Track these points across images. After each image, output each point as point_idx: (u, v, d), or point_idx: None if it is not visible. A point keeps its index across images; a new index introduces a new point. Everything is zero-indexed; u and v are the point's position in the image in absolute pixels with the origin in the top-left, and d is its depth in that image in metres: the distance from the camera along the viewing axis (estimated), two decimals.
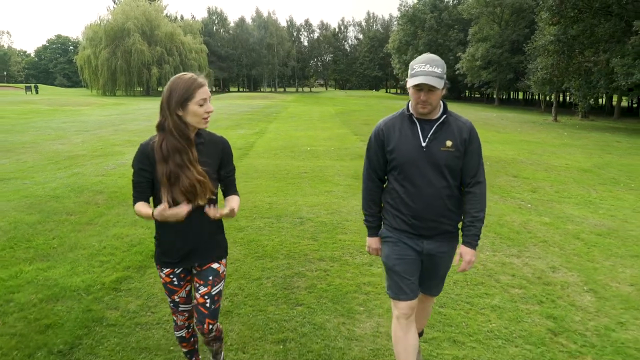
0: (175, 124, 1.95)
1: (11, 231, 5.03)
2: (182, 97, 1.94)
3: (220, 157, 2.14)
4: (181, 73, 2.04)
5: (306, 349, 2.88)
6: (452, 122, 2.20)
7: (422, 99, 2.08)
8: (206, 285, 2.15)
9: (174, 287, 2.19)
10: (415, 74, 2.06)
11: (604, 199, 7.42)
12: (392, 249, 2.32)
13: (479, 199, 2.24)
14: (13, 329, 3.02)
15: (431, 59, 2.08)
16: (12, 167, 8.95)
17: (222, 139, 2.18)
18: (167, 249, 2.12)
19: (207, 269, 2.17)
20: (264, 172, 8.79)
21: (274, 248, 4.65)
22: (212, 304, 2.17)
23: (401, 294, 2.29)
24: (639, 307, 3.51)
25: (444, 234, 2.26)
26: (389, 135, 2.24)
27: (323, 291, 3.69)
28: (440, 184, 2.18)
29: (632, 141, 16.94)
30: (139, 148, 2.04)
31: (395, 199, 2.27)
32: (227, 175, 2.18)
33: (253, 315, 3.29)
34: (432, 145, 2.16)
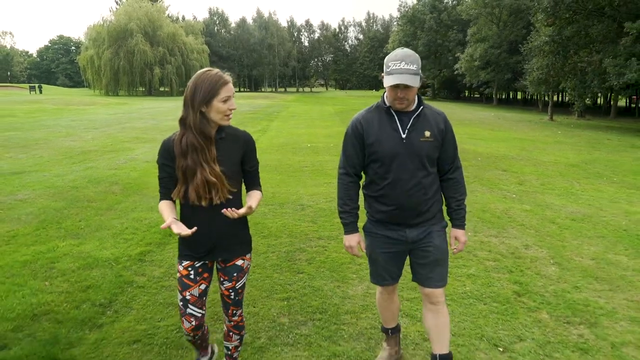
0: (197, 120, 1.96)
1: (41, 215, 5.58)
2: (207, 93, 1.95)
3: (243, 152, 2.13)
4: (206, 68, 2.04)
5: (306, 304, 3.42)
6: (428, 113, 2.26)
7: (400, 96, 2.12)
8: (230, 281, 2.20)
9: (189, 282, 2.14)
10: (390, 72, 2.11)
11: (585, 191, 7.95)
12: (375, 241, 2.37)
13: (461, 183, 2.38)
14: (59, 288, 3.58)
15: (406, 55, 2.10)
16: (30, 162, 9.50)
17: (244, 134, 2.18)
18: (191, 243, 2.09)
19: (232, 266, 2.18)
20: (268, 166, 9.33)
21: (277, 229, 5.20)
22: (236, 296, 2.24)
23: (382, 280, 2.46)
24: (594, 276, 4.06)
25: (427, 220, 2.30)
26: (368, 129, 2.25)
27: (321, 262, 4.24)
28: (421, 174, 2.22)
29: (623, 139, 17.46)
30: (161, 144, 2.09)
31: (377, 191, 2.29)
32: (250, 170, 2.18)
33: (261, 280, 3.83)
34: (412, 136, 2.20)
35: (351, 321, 3.19)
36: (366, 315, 3.28)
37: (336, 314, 3.28)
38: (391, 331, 2.69)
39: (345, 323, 3.17)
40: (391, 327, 2.69)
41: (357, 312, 3.33)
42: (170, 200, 2.09)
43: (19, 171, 8.41)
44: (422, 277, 2.37)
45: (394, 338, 2.72)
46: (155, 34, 55.42)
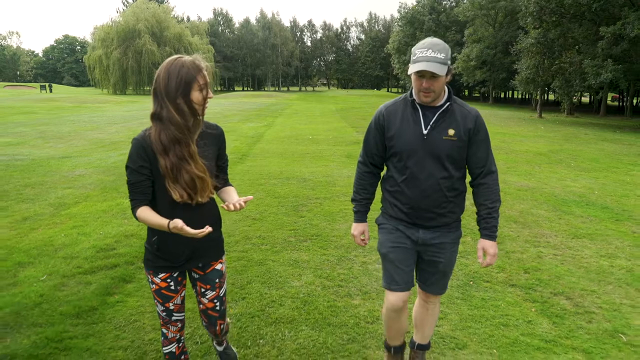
0: (174, 112, 1.78)
1: (100, 184, 7.17)
2: (182, 82, 1.77)
3: (218, 147, 2.02)
4: (176, 55, 1.84)
5: (307, 232, 5.00)
6: (456, 109, 2.10)
7: (425, 86, 1.99)
8: (214, 289, 2.09)
9: (170, 293, 2.01)
10: (416, 60, 1.98)
11: (541, 172, 9.49)
12: (387, 236, 2.26)
13: (493, 189, 2.17)
14: (136, 222, 5.16)
15: (434, 44, 1.97)
16: (70, 150, 11.08)
17: (217, 127, 2.04)
18: (169, 252, 1.95)
19: (212, 271, 2.08)
20: (274, 153, 10.90)
21: (285, 193, 6.77)
22: (221, 305, 2.14)
23: (393, 283, 2.25)
24: (514, 220, 5.62)
25: (441, 226, 2.18)
26: (390, 121, 2.15)
27: (318, 211, 5.82)
28: (440, 174, 2.08)
29: (598, 134, 18.96)
30: (132, 145, 1.84)
31: (393, 186, 2.20)
32: (222, 165, 2.08)
33: (274, 220, 5.41)
34: (434, 133, 2.07)
35: (336, 241, 4.76)
36: (347, 239, 4.85)
37: (327, 237, 4.86)
38: (394, 349, 2.48)
39: (333, 242, 4.74)
40: (395, 345, 2.47)
41: (341, 236, 4.90)
42: (149, 206, 1.87)
43: (66, 156, 10.01)
44: (425, 281, 2.35)
45: (397, 357, 2.51)
46: (162, 34, 57.08)
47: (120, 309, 3.26)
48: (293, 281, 3.77)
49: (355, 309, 3.30)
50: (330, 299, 3.47)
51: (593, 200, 6.89)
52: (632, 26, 17.61)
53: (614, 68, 18.90)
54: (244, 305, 3.33)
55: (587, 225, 5.55)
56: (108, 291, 3.52)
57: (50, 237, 4.73)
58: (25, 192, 6.59)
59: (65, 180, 7.44)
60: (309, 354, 2.75)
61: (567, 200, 6.79)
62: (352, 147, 12.07)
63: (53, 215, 5.54)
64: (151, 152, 1.81)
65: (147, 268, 2.00)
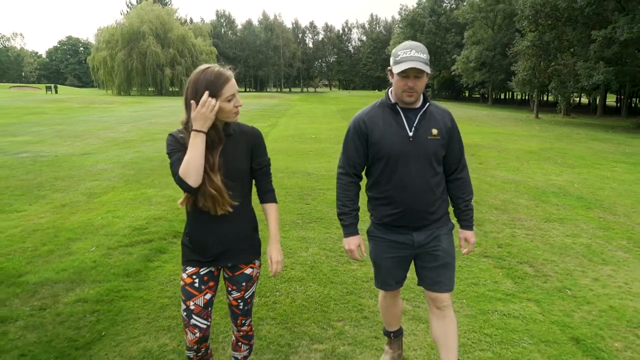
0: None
1: (123, 177, 7.90)
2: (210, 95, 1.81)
3: (252, 149, 2.02)
4: (205, 65, 1.89)
5: (312, 216, 5.72)
6: (434, 110, 2.19)
7: (410, 85, 2.03)
8: (239, 291, 2.09)
9: (193, 290, 2.02)
10: (401, 60, 2.00)
11: (529, 168, 10.19)
12: (380, 246, 2.27)
13: (468, 183, 2.31)
14: (162, 207, 5.88)
15: (415, 45, 2.03)
16: (88, 147, 11.82)
17: (253, 129, 2.07)
18: (199, 247, 2.00)
19: (240, 275, 2.07)
20: (280, 151, 11.61)
21: (291, 185, 7.49)
22: (245, 306, 2.13)
23: (386, 286, 2.36)
24: (495, 207, 6.33)
25: (434, 222, 2.21)
26: (372, 127, 2.15)
27: (321, 200, 6.53)
28: (429, 174, 2.13)
29: (591, 134, 19.65)
30: (168, 137, 1.96)
31: (383, 192, 2.19)
32: (259, 167, 2.06)
33: (282, 207, 6.12)
34: (419, 134, 2.11)
35: (338, 223, 5.42)
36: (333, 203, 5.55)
37: (329, 220, 5.57)
38: (394, 334, 2.63)
39: (334, 224, 5.44)
40: (394, 330, 2.63)
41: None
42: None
43: (85, 153, 10.75)
44: (430, 281, 2.28)
45: (397, 341, 2.66)
46: (166, 36, 57.89)
47: (160, 271, 3.99)
48: (301, 252, 4.49)
49: (353, 272, 4.02)
50: (333, 265, 4.19)
51: (571, 191, 7.59)
52: (622, 30, 18.32)
53: (606, 70, 19.60)
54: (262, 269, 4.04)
55: (559, 212, 6.27)
56: (148, 258, 4.24)
57: (89, 219, 5.45)
58: (57, 184, 7.32)
59: (91, 174, 8.17)
60: (316, 302, 3.46)
61: (547, 192, 7.50)
62: None
63: (87, 202, 6.27)
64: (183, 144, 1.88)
65: (182, 264, 2.07)
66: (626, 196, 7.37)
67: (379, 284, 2.41)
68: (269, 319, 3.19)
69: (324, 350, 2.82)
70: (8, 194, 6.61)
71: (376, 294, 3.60)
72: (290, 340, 2.92)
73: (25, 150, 10.78)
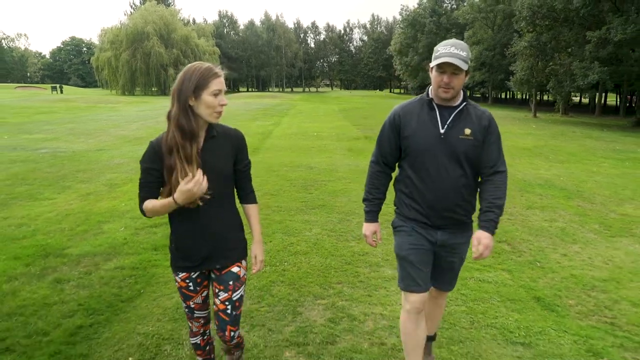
0: (178, 114, 1.85)
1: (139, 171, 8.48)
2: (196, 85, 1.83)
3: (236, 151, 2.05)
4: (197, 62, 1.92)
5: (315, 203, 6.29)
6: (471, 110, 2.15)
7: (445, 81, 2.03)
8: (227, 291, 2.07)
9: (189, 293, 2.10)
10: (439, 55, 2.02)
11: (520, 164, 10.74)
12: (405, 238, 2.26)
13: (499, 186, 2.15)
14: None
15: (456, 43, 2.04)
16: (100, 144, 12.42)
17: (236, 132, 2.08)
18: (186, 253, 2.03)
19: (227, 273, 2.08)
20: (283, 148, 12.20)
21: (295, 177, 8.07)
22: (233, 310, 2.10)
23: (413, 285, 2.24)
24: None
25: (458, 225, 2.20)
26: (406, 121, 2.17)
27: (323, 189, 7.11)
28: (457, 173, 2.11)
29: (586, 132, 20.17)
30: (148, 146, 1.95)
31: (410, 187, 2.20)
32: (241, 170, 2.09)
33: (288, 195, 6.70)
34: (451, 132, 2.10)
35: (338, 209, 6.05)
36: (347, 207, 6.13)
37: (331, 207, 6.15)
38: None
39: (335, 209, 6.02)
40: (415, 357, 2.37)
41: (341, 206, 6.19)
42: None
43: (100, 149, 11.35)
44: (436, 279, 2.34)
45: None
46: (169, 36, 58.55)
47: None
48: (306, 232, 5.08)
49: (351, 248, 4.60)
50: (333, 242, 4.77)
51: (556, 184, 8.15)
52: (615, 31, 18.85)
53: (600, 70, 20.13)
54: (271, 245, 4.63)
55: (542, 201, 6.83)
56: None
57: (114, 205, 6.05)
58: (80, 176, 7.92)
59: (108, 167, 8.77)
60: (318, 270, 4.04)
61: (533, 184, 8.06)
62: (353, 142, 13.38)
63: (109, 191, 6.86)
64: (161, 154, 1.90)
65: (172, 269, 2.12)
66: (606, 188, 7.93)
67: (404, 283, 2.27)
68: (279, 282, 3.77)
69: (325, 304, 3.40)
70: (37, 184, 7.21)
71: (371, 264, 4.19)
72: (297, 297, 3.50)
73: (44, 147, 11.39)
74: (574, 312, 3.38)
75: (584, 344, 2.94)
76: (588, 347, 2.91)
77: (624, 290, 3.77)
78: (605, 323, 3.23)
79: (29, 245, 4.48)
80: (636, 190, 7.85)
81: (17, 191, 6.75)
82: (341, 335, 2.97)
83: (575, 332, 3.08)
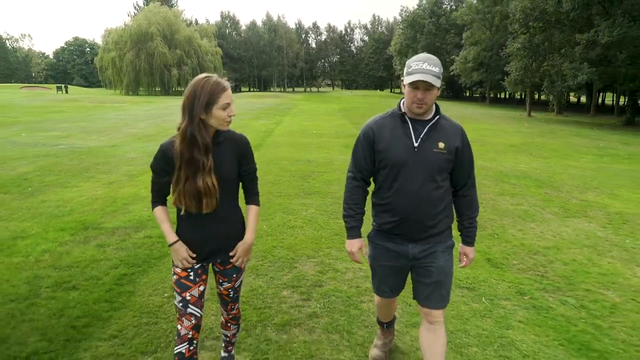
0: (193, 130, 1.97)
1: None
2: (206, 101, 1.96)
3: (239, 155, 2.15)
4: (204, 75, 2.03)
5: (311, 190, 7.13)
6: (445, 124, 2.19)
7: (419, 97, 2.07)
8: (230, 282, 2.27)
9: (188, 283, 2.14)
10: (412, 72, 2.05)
11: (505, 159, 11.55)
12: (377, 252, 2.34)
13: (474, 200, 2.30)
14: None
15: (428, 58, 2.07)
16: (113, 141, 13.28)
17: (241, 137, 2.18)
18: (190, 247, 2.14)
19: (231, 268, 2.23)
20: (284, 144, 13.04)
21: (295, 169, 8.92)
22: (234, 294, 2.32)
23: (381, 292, 2.43)
24: None
25: (432, 237, 2.21)
26: (380, 135, 2.21)
27: (320, 179, 7.96)
28: (431, 186, 2.14)
29: (575, 130, 20.99)
30: (159, 149, 2.08)
31: (385, 199, 2.24)
32: (246, 174, 2.20)
33: (287, 184, 7.55)
34: (424, 146, 2.13)
35: (332, 195, 6.90)
36: (339, 193, 6.97)
37: (325, 193, 6.99)
38: (386, 325, 2.77)
39: (329, 195, 6.87)
40: (387, 322, 2.75)
41: (335, 192, 7.03)
42: (164, 205, 2.16)
43: (113, 145, 12.22)
44: (422, 296, 2.29)
45: (389, 330, 2.81)
46: (172, 37, 59.47)
47: None
48: (302, 212, 5.93)
49: (340, 223, 5.41)
50: (325, 219, 5.62)
51: (532, 175, 8.98)
52: (602, 33, 19.67)
53: (589, 71, 20.96)
54: (272, 222, 5.48)
55: (514, 189, 7.67)
56: None
57: (135, 192, 6.90)
58: (100, 168, 8.79)
59: (125, 161, 9.63)
60: (311, 238, 4.89)
61: (510, 175, 8.90)
62: (350, 139, 14.20)
63: (129, 180, 7.72)
64: (172, 159, 2.03)
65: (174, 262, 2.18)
66: (577, 179, 8.76)
67: (376, 289, 2.46)
68: (279, 247, 4.62)
69: (316, 262, 4.25)
70: (63, 175, 8.07)
71: None
72: (294, 257, 4.36)
73: (61, 143, 12.26)
74: (515, 269, 4.23)
75: (515, 288, 3.79)
76: (518, 290, 3.76)
77: (561, 255, 4.61)
78: (537, 275, 4.08)
79: (69, 220, 5.35)
80: (603, 181, 8.69)
81: (48, 180, 7.61)
82: (327, 281, 3.83)
83: (510, 281, 3.92)
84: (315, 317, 3.25)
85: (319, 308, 3.38)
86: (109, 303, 3.38)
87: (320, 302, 3.47)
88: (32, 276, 3.80)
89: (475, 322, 3.24)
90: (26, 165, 8.81)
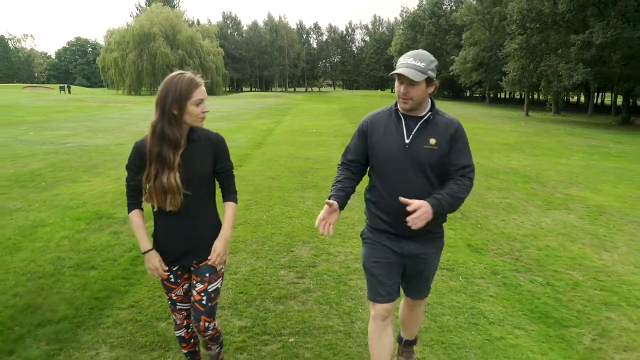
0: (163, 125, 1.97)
1: None
2: (179, 96, 1.95)
3: (215, 153, 2.15)
4: (178, 72, 2.02)
5: (310, 185, 7.55)
6: (438, 120, 2.16)
7: (402, 91, 2.06)
8: (203, 282, 2.19)
9: (170, 285, 2.21)
10: (398, 66, 2.06)
11: (499, 157, 11.94)
12: (370, 250, 2.30)
13: (460, 185, 2.11)
14: None
15: (418, 54, 2.07)
16: (119, 140, 13.71)
17: (216, 135, 2.18)
18: (163, 248, 2.16)
19: (204, 266, 2.20)
20: (284, 142, 13.46)
21: (294, 166, 9.34)
22: (208, 302, 2.19)
23: (377, 296, 2.28)
24: None
25: (424, 235, 2.18)
26: (373, 130, 2.22)
27: (318, 175, 8.37)
28: (420, 183, 2.12)
29: (570, 130, 21.36)
30: (133, 147, 2.09)
31: (376, 196, 2.24)
32: (221, 172, 2.19)
33: (287, 179, 7.96)
34: (416, 142, 2.12)
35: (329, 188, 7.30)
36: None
37: (322, 187, 7.39)
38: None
39: (326, 189, 7.26)
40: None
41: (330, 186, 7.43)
42: (141, 209, 2.19)
43: (119, 144, 12.65)
44: (409, 289, 2.43)
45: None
46: (175, 37, 59.95)
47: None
48: (300, 204, 6.34)
49: None
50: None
51: (521, 172, 9.39)
52: (597, 35, 20.06)
53: (584, 71, 21.34)
54: (272, 213, 5.89)
55: (502, 184, 8.07)
56: None
57: None
58: (108, 164, 9.21)
59: None
60: (308, 227, 5.30)
61: (499, 171, 9.31)
62: (349, 138, 14.52)
63: None
64: (145, 156, 2.03)
65: None
66: (564, 175, 9.16)
67: (371, 294, 2.31)
68: (277, 234, 5.04)
69: (311, 246, 4.67)
70: (74, 170, 8.50)
71: (348, 224, 5.44)
72: (291, 242, 4.78)
73: (68, 142, 12.69)
74: (493, 253, 4.64)
75: (490, 269, 4.20)
76: (492, 270, 4.17)
77: (537, 242, 5.02)
78: (511, 258, 4.50)
79: (84, 211, 5.77)
80: (589, 177, 9.09)
81: (60, 175, 8.04)
82: (320, 263, 4.25)
83: (487, 263, 4.34)
84: (308, 292, 3.67)
85: (312, 284, 3.80)
86: (126, 279, 3.80)
87: (313, 279, 3.89)
88: (55, 258, 4.23)
89: (451, 296, 3.66)
90: (37, 162, 9.24)
